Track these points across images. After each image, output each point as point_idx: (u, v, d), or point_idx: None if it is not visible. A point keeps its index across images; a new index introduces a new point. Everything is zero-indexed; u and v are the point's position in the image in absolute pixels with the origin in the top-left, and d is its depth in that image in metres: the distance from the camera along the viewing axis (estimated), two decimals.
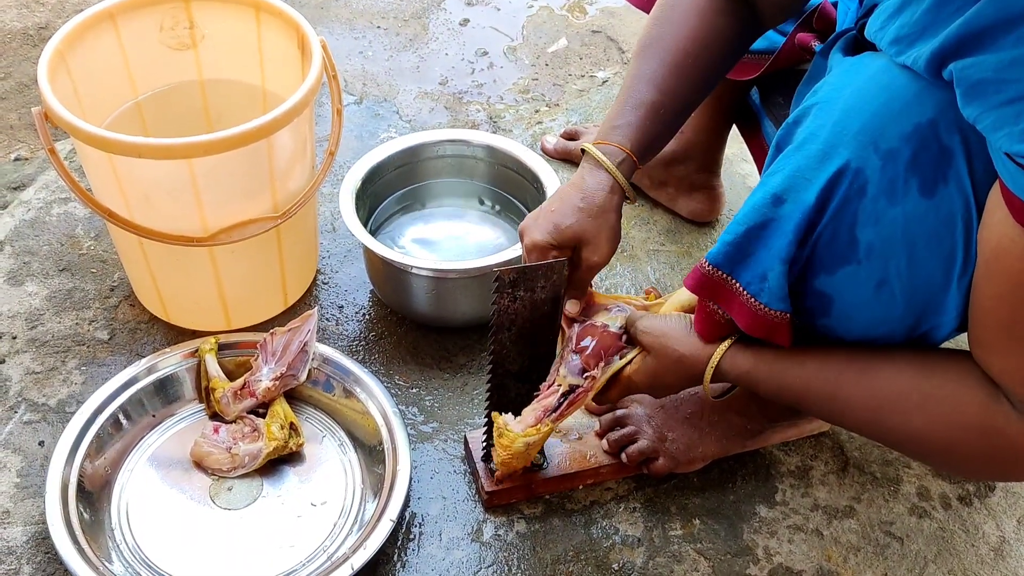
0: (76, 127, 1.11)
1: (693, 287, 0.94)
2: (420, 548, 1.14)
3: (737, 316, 0.92)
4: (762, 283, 0.88)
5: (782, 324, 0.90)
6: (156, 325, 1.36)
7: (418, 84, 1.86)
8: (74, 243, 1.47)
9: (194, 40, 1.37)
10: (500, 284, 1.00)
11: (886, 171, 0.80)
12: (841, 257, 0.85)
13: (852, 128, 0.81)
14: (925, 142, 0.79)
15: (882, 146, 0.80)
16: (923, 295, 0.85)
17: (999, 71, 0.70)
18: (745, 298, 0.90)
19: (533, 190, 1.42)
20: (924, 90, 0.79)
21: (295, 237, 1.34)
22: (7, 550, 1.10)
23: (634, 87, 1.05)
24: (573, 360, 1.04)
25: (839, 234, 0.84)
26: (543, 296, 1.03)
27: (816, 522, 1.19)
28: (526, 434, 1.04)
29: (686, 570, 1.13)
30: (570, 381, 1.04)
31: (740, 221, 0.88)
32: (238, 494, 1.17)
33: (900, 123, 0.80)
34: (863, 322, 0.89)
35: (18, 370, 1.29)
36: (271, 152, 1.18)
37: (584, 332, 1.06)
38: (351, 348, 1.35)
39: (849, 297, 0.87)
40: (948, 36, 0.73)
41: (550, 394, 1.05)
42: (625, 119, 1.03)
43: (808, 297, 0.90)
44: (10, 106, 1.73)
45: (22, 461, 1.19)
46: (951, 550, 1.17)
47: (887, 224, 0.82)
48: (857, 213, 0.82)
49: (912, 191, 0.81)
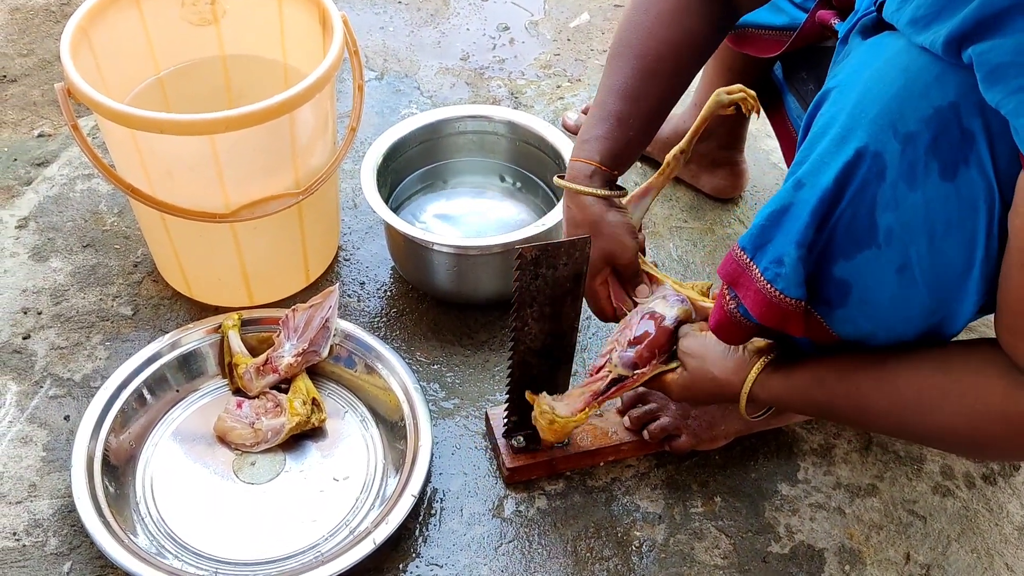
0: (99, 103, 1.11)
1: (721, 270, 0.94)
2: (441, 523, 1.14)
3: (751, 303, 0.90)
4: (778, 268, 0.87)
5: (796, 313, 0.88)
6: (179, 301, 1.37)
7: (439, 59, 1.86)
8: (98, 219, 1.48)
9: (216, 16, 1.37)
10: (522, 262, 1.00)
11: (906, 155, 0.79)
12: (860, 242, 0.84)
13: (870, 112, 0.80)
14: (946, 125, 0.78)
15: (901, 129, 0.79)
16: (945, 281, 0.84)
17: (1017, 54, 0.68)
18: (761, 284, 0.89)
19: (554, 166, 1.41)
20: (944, 72, 0.77)
21: (317, 213, 1.34)
22: (34, 523, 1.12)
23: (603, 99, 1.08)
24: (628, 353, 1.05)
25: (858, 218, 0.83)
26: (565, 273, 1.03)
27: (838, 500, 1.18)
28: (577, 420, 1.07)
29: (707, 547, 1.13)
30: (620, 371, 1.05)
31: (768, 205, 0.88)
32: (261, 469, 1.18)
33: (919, 106, 0.78)
34: (883, 310, 0.88)
35: (43, 345, 1.30)
36: (293, 128, 1.18)
37: (643, 320, 1.06)
38: (373, 324, 1.35)
39: (869, 283, 0.86)
40: (965, 18, 0.72)
41: (599, 379, 1.07)
42: (593, 132, 1.07)
43: (826, 286, 0.88)
44: (33, 83, 1.74)
45: (48, 435, 1.21)
46: (975, 529, 1.17)
47: (907, 208, 0.81)
48: (876, 197, 0.81)
49: (933, 175, 0.79)
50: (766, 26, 1.23)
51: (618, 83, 1.07)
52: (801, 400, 0.97)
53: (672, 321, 1.06)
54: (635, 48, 1.07)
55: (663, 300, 1.08)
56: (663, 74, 1.07)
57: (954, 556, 1.14)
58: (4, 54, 1.79)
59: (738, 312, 0.93)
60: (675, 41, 1.06)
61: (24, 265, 1.40)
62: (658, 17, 1.06)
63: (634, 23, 1.08)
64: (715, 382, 1.01)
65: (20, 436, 1.20)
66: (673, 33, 1.06)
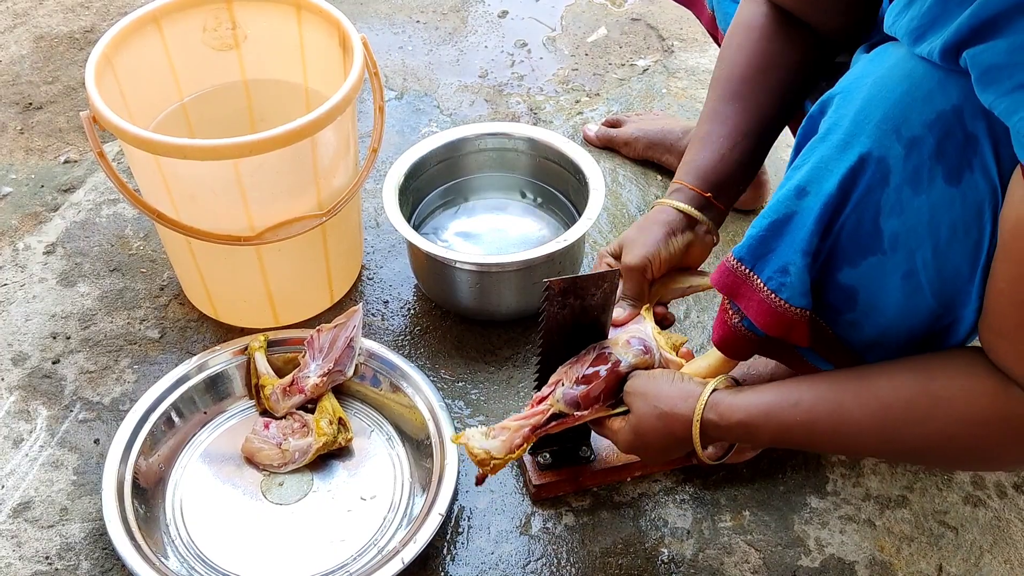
0: (123, 130, 1.12)
1: (717, 282, 0.93)
2: (469, 541, 1.14)
3: (755, 314, 0.90)
4: (783, 277, 0.87)
5: (801, 322, 0.88)
6: (205, 323, 1.38)
7: (458, 77, 1.87)
8: (124, 244, 1.50)
9: (237, 41, 1.38)
10: (550, 294, 0.99)
11: (910, 159, 0.79)
12: (865, 248, 0.84)
13: (874, 117, 0.80)
14: (949, 129, 0.78)
15: (905, 134, 0.79)
16: (951, 286, 0.83)
17: (1011, 54, 0.68)
18: (765, 294, 0.88)
19: (575, 182, 1.41)
20: (946, 78, 0.77)
21: (340, 234, 1.35)
22: (66, 547, 1.13)
23: (699, 126, 1.10)
24: (572, 391, 1.00)
25: (863, 224, 0.83)
26: (594, 303, 1.02)
27: (868, 512, 1.17)
28: (515, 456, 1.01)
29: (736, 562, 1.12)
30: (560, 408, 1.01)
31: (765, 215, 0.88)
32: (289, 489, 1.18)
33: (923, 111, 0.78)
34: (889, 316, 0.87)
35: (72, 369, 1.32)
36: (315, 150, 1.19)
37: (598, 360, 1.02)
38: (397, 343, 1.36)
39: (875, 289, 0.86)
40: (960, 26, 0.72)
41: (539, 413, 1.01)
42: (688, 156, 1.09)
43: (830, 292, 0.88)
44: (59, 109, 1.76)
45: (78, 459, 1.22)
46: (1007, 539, 1.15)
47: (912, 213, 0.80)
48: (880, 203, 0.81)
49: (937, 179, 0.79)
50: None
51: (706, 109, 1.10)
52: (770, 426, 0.90)
53: (627, 367, 1.01)
54: (718, 76, 1.09)
55: (625, 343, 1.02)
56: (743, 95, 1.07)
57: (987, 567, 1.13)
58: (30, 82, 1.82)
59: (742, 325, 0.93)
60: (753, 64, 1.07)
61: (52, 291, 1.42)
62: (737, 46, 1.09)
63: (720, 58, 1.11)
64: (662, 417, 0.95)
65: (51, 460, 1.21)
66: (750, 56, 1.07)
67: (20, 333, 1.36)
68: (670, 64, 1.89)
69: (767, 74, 1.07)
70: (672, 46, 1.94)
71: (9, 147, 1.68)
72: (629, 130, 1.65)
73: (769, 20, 1.07)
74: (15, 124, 1.73)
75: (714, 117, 1.08)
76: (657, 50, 1.93)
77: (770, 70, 1.07)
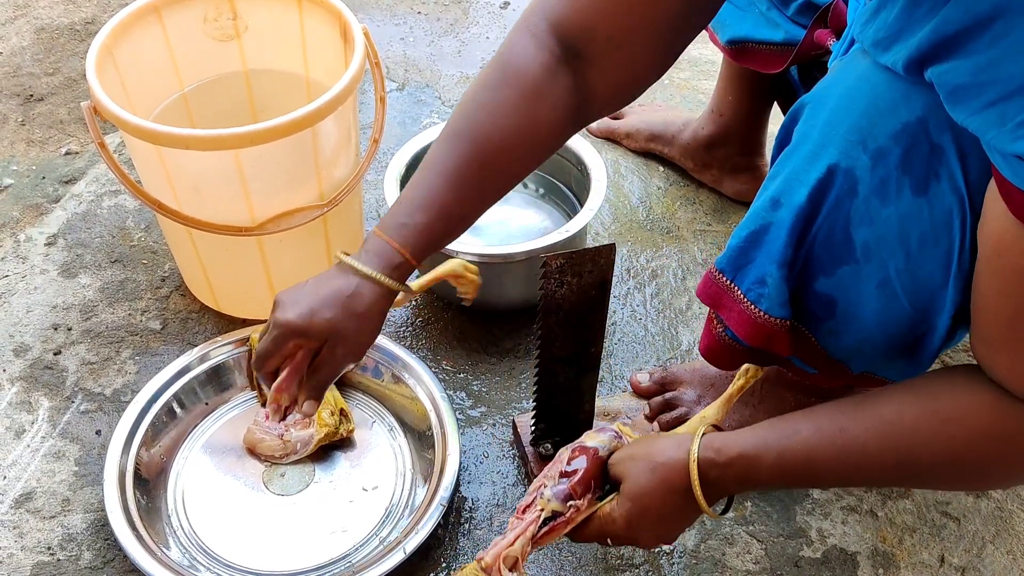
0: (124, 120, 1.12)
1: (701, 292, 0.94)
2: (471, 532, 1.14)
3: (736, 325, 0.90)
4: (761, 288, 0.87)
5: (781, 331, 0.88)
6: (207, 314, 1.38)
7: (460, 69, 1.86)
8: (125, 235, 1.50)
9: (237, 31, 1.38)
10: (547, 270, 1.00)
11: (876, 171, 0.79)
12: (838, 258, 0.84)
13: (841, 128, 0.80)
14: (915, 140, 0.77)
15: (871, 145, 0.79)
16: (926, 293, 0.83)
17: (976, 75, 0.66)
18: (745, 305, 0.89)
19: (577, 173, 1.41)
20: (910, 90, 0.77)
21: (341, 225, 1.34)
22: (68, 537, 1.13)
23: (430, 181, 0.91)
24: (560, 486, 0.96)
25: (834, 235, 0.83)
26: (590, 280, 1.02)
27: (870, 503, 1.17)
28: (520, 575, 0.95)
29: (738, 552, 1.12)
30: (553, 507, 0.95)
31: (744, 226, 0.88)
32: (291, 480, 1.18)
33: (888, 122, 0.78)
34: (867, 323, 0.87)
35: (74, 361, 1.32)
36: (316, 141, 1.19)
37: (575, 453, 0.98)
38: (398, 334, 1.36)
39: (852, 297, 0.86)
40: (921, 41, 0.70)
41: (531, 522, 0.95)
42: (413, 219, 0.91)
43: (810, 301, 0.88)
44: (59, 101, 1.76)
45: (80, 450, 1.22)
46: (1010, 530, 1.15)
47: (881, 223, 0.81)
48: (850, 213, 0.81)
49: (905, 190, 0.79)
50: (764, 41, 1.22)
51: (450, 167, 0.90)
52: (769, 457, 0.85)
53: (605, 452, 0.97)
54: (474, 133, 0.90)
55: (594, 434, 0.99)
56: (502, 168, 0.92)
57: (989, 558, 1.13)
58: (31, 73, 1.81)
59: (727, 335, 0.93)
60: (521, 130, 0.90)
61: (54, 282, 1.42)
62: (504, 103, 0.90)
63: (476, 104, 0.91)
64: (657, 470, 0.89)
65: (53, 451, 1.21)
66: (519, 122, 0.90)
67: (22, 324, 1.36)
68: None
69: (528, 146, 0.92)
70: None
71: (10, 139, 1.68)
72: (631, 121, 1.65)
73: (544, 72, 0.89)
74: (16, 116, 1.73)
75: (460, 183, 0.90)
76: None
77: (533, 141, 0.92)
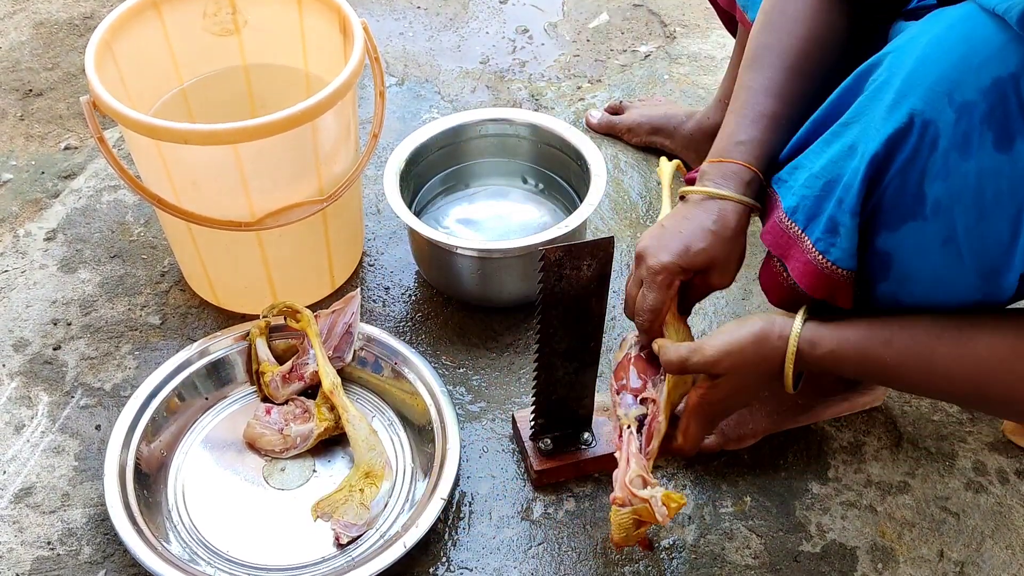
0: (124, 115, 1.12)
1: (767, 240, 0.91)
2: (471, 526, 1.14)
3: (800, 275, 0.88)
4: (832, 238, 0.85)
5: (846, 284, 0.87)
6: (206, 309, 1.38)
7: (459, 63, 1.86)
8: (124, 230, 1.50)
9: (237, 26, 1.38)
10: (546, 263, 1.00)
11: (960, 124, 0.77)
12: (906, 212, 0.81)
13: (927, 79, 0.78)
14: (1003, 96, 0.75)
15: (957, 99, 0.76)
16: (991, 255, 0.81)
17: None
18: (813, 255, 0.86)
19: (577, 168, 1.41)
20: (1008, 43, 0.75)
21: (341, 220, 1.34)
22: (68, 532, 1.13)
23: (751, 100, 0.99)
24: (625, 398, 0.99)
25: (906, 188, 0.80)
26: (589, 274, 1.02)
27: (870, 498, 1.17)
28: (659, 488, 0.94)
29: (737, 547, 1.13)
30: (633, 414, 0.98)
31: (818, 174, 0.86)
32: (291, 474, 1.18)
33: (979, 76, 0.76)
34: (924, 284, 0.86)
35: (74, 356, 1.32)
36: (315, 136, 1.19)
37: (616, 373, 1.01)
38: (398, 329, 1.36)
39: (911, 256, 0.84)
40: None
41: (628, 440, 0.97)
42: (748, 134, 0.97)
43: (868, 258, 0.86)
44: (59, 96, 1.76)
45: (80, 445, 1.22)
46: (1009, 525, 1.15)
47: (958, 179, 0.78)
48: (926, 167, 0.79)
49: (987, 145, 0.77)
50: None
51: (767, 83, 0.99)
52: (858, 359, 0.89)
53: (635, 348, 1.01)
54: (776, 48, 0.99)
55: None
56: (810, 73, 0.99)
57: (988, 553, 1.13)
58: (30, 68, 1.81)
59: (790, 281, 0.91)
60: (817, 37, 0.99)
61: (53, 277, 1.42)
62: (795, 15, 0.99)
63: (771, 24, 1.01)
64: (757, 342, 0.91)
65: (52, 446, 1.21)
66: (813, 29, 0.99)
67: (21, 319, 1.36)
68: (672, 50, 1.88)
69: (828, 49, 0.99)
70: (674, 32, 1.93)
71: (9, 134, 1.68)
72: (631, 116, 1.64)
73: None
74: (15, 111, 1.72)
75: (781, 94, 0.98)
76: (659, 36, 1.93)
77: (831, 44, 0.99)
